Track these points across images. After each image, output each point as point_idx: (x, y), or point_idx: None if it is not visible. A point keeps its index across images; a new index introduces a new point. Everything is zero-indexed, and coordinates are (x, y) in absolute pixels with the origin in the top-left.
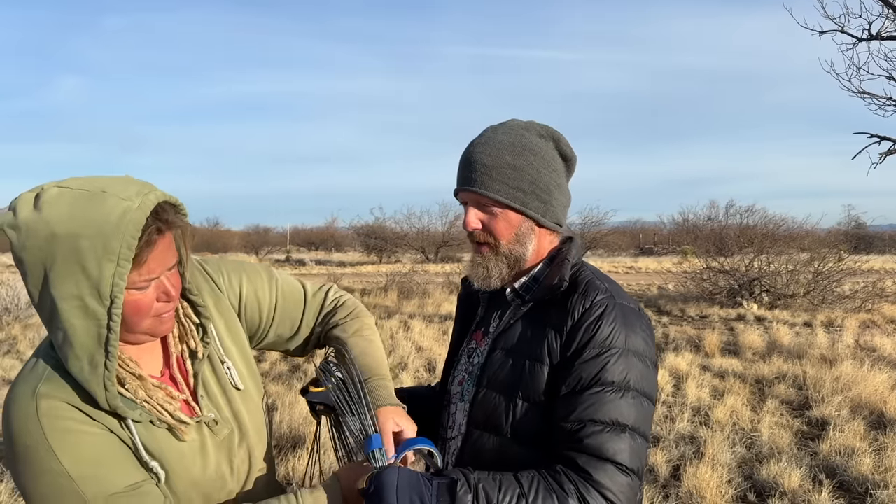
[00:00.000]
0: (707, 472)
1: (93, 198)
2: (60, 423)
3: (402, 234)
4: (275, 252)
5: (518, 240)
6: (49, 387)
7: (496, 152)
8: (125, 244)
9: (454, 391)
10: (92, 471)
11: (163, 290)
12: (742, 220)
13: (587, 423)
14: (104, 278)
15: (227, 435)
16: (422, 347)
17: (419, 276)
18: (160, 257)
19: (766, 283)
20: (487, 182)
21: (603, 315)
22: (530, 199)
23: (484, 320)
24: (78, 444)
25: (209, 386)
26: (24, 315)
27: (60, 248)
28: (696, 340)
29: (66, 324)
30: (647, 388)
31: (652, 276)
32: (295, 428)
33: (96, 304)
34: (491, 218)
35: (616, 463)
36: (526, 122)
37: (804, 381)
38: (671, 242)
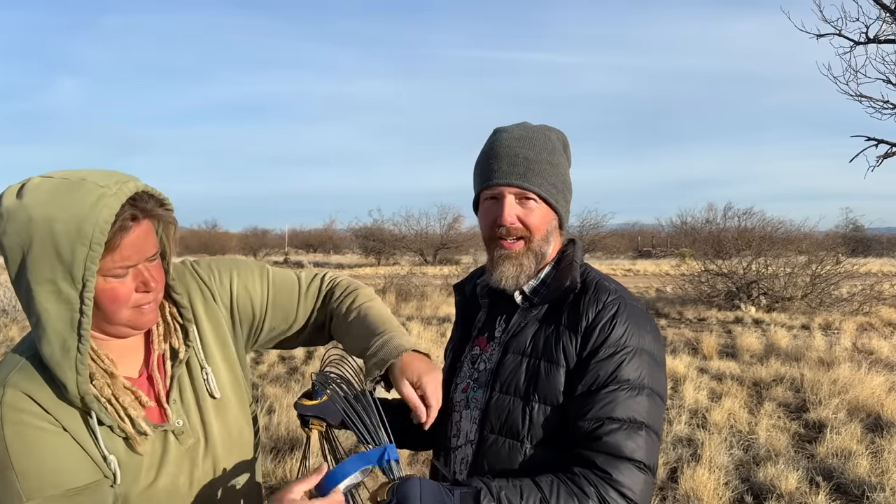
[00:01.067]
0: (704, 474)
1: (72, 185)
2: (18, 415)
3: (401, 236)
4: (273, 254)
5: (546, 237)
6: (19, 377)
7: (537, 148)
8: (98, 228)
9: (457, 399)
10: (36, 468)
11: (141, 279)
12: (740, 222)
13: (605, 420)
14: (77, 261)
15: (191, 445)
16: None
17: (417, 278)
18: (136, 244)
19: (764, 286)
20: (530, 176)
21: (616, 314)
22: (560, 198)
23: (487, 326)
24: (31, 440)
25: (184, 391)
26: (22, 317)
27: (37, 232)
28: (693, 343)
29: (40, 307)
30: (659, 386)
31: (650, 278)
32: (293, 430)
33: (69, 288)
34: (528, 213)
35: (634, 461)
36: (544, 125)
37: (802, 383)
38: (669, 245)
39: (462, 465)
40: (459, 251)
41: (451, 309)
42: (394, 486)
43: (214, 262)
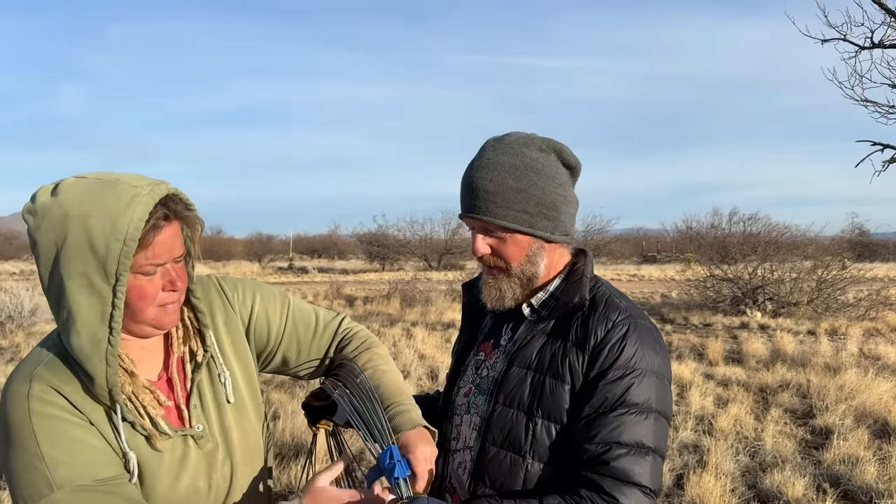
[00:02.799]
0: (710, 480)
1: (106, 185)
2: (46, 407)
3: (405, 242)
4: (277, 259)
5: (529, 260)
6: (46, 371)
7: (498, 177)
8: (132, 225)
9: (459, 402)
10: (66, 459)
11: (168, 278)
12: (745, 227)
13: (613, 445)
14: (111, 256)
15: (210, 449)
16: (424, 355)
17: (422, 283)
18: (166, 244)
19: (770, 292)
20: (492, 209)
21: (626, 335)
22: (538, 220)
23: (493, 332)
24: (58, 431)
25: (204, 396)
26: (28, 322)
27: (72, 227)
28: (699, 349)
29: (72, 301)
30: (666, 408)
31: (655, 283)
32: (297, 436)
33: (102, 283)
34: (499, 242)
35: (641, 486)
36: (526, 137)
37: (808, 389)
38: (674, 250)
39: (460, 469)
40: (464, 256)
41: (455, 315)
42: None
43: (240, 280)
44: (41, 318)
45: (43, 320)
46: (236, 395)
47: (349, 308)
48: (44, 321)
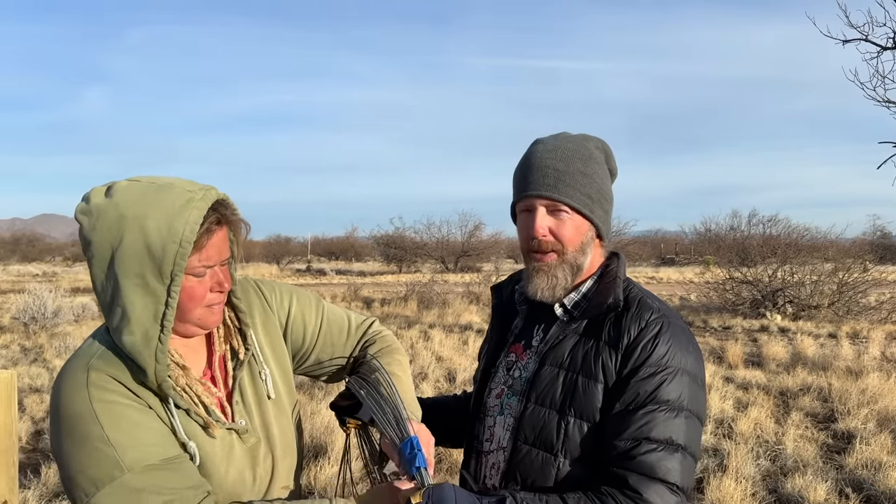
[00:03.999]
0: (731, 484)
1: (161, 188)
2: (106, 394)
3: (422, 244)
4: (296, 261)
5: (582, 249)
6: (101, 362)
7: (568, 158)
8: (188, 227)
9: (491, 404)
10: (131, 441)
11: (216, 280)
12: (765, 229)
13: (642, 441)
14: (167, 257)
15: (253, 444)
16: (442, 357)
17: (439, 285)
18: (217, 247)
19: (790, 294)
20: (561, 187)
21: (659, 334)
22: (596, 208)
23: (524, 333)
24: (120, 415)
25: (245, 393)
26: (51, 324)
27: (128, 229)
28: (719, 351)
29: (126, 300)
30: (698, 408)
31: (673, 286)
32: (317, 437)
33: (156, 283)
34: (560, 224)
35: (667, 483)
36: (583, 134)
37: (829, 393)
38: (693, 252)
39: (493, 470)
40: (481, 258)
41: (472, 317)
42: (429, 489)
43: (276, 284)
44: (63, 320)
45: (65, 322)
46: (275, 393)
47: (367, 310)
48: (66, 322)
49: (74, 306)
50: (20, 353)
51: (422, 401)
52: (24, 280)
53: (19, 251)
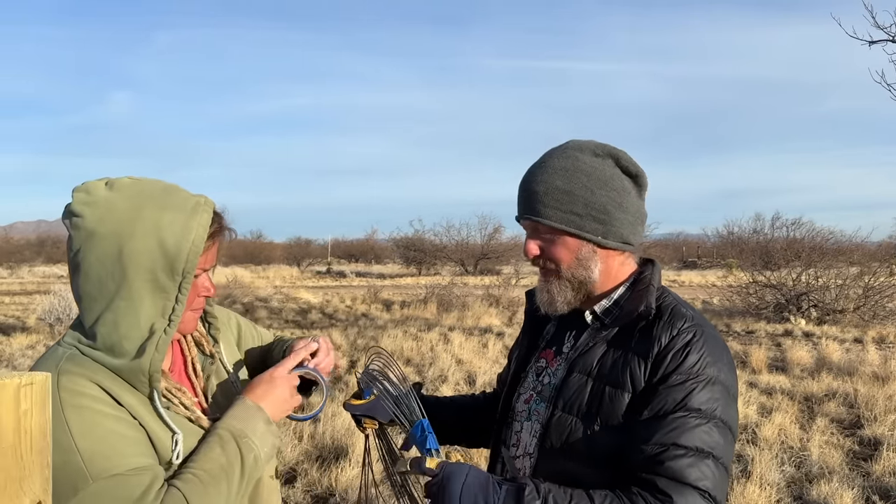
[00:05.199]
0: (755, 490)
1: (167, 189)
2: (78, 399)
3: (442, 247)
4: (316, 264)
5: (580, 263)
6: (71, 364)
7: (548, 178)
8: (201, 229)
9: (519, 409)
10: (100, 449)
11: (205, 285)
12: (789, 233)
13: (670, 446)
14: (181, 255)
15: None
16: (462, 360)
17: (458, 288)
18: (214, 253)
19: (815, 298)
20: (539, 209)
21: (691, 342)
22: (586, 222)
23: (555, 339)
24: (91, 422)
25: (217, 392)
26: None
27: (141, 224)
28: (742, 356)
29: (136, 293)
30: (731, 420)
31: (696, 289)
32: (337, 439)
33: (167, 280)
34: (549, 244)
35: (699, 489)
36: (582, 142)
37: (855, 399)
38: (715, 256)
39: (520, 475)
40: (500, 261)
41: (492, 319)
42: (444, 462)
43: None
44: None
45: None
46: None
47: (387, 312)
48: None
49: None
50: None
51: (440, 399)
52: (50, 281)
53: (45, 253)
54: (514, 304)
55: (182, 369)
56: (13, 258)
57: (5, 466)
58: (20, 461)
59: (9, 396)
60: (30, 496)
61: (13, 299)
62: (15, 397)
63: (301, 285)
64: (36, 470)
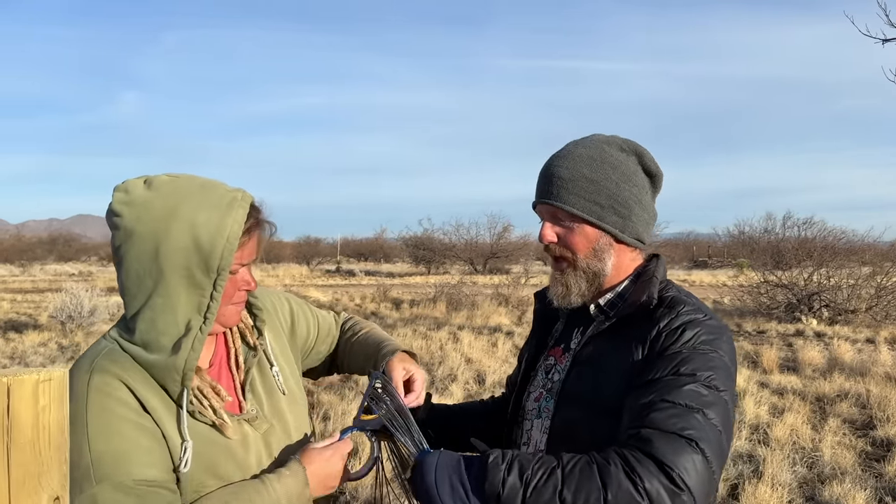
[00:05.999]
0: (766, 491)
1: (204, 185)
2: (105, 400)
3: (451, 246)
4: (325, 262)
5: (596, 255)
6: (106, 361)
7: (574, 165)
8: (236, 225)
9: (529, 407)
10: (111, 454)
11: (245, 279)
12: (800, 232)
13: (658, 402)
14: (215, 252)
15: (266, 430)
16: (471, 359)
17: (468, 287)
18: (253, 247)
19: (826, 298)
20: (563, 195)
21: (689, 323)
22: (608, 214)
23: (564, 336)
24: (109, 426)
25: (256, 385)
26: (87, 322)
27: (177, 222)
28: (753, 356)
29: (172, 290)
30: (726, 387)
31: (706, 289)
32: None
33: (203, 277)
34: (567, 232)
35: (684, 437)
36: (608, 137)
37: (868, 399)
38: (726, 255)
39: None
40: (509, 260)
41: (501, 319)
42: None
43: (268, 290)
44: (99, 319)
45: (101, 320)
46: (287, 388)
47: (396, 311)
48: (102, 321)
49: (110, 305)
50: (57, 350)
51: (450, 408)
52: (61, 279)
53: (56, 251)
54: (524, 303)
55: (224, 361)
56: (25, 256)
57: (24, 462)
58: (38, 457)
59: (27, 392)
60: (48, 491)
61: (25, 297)
62: (33, 393)
63: (311, 284)
64: (54, 466)
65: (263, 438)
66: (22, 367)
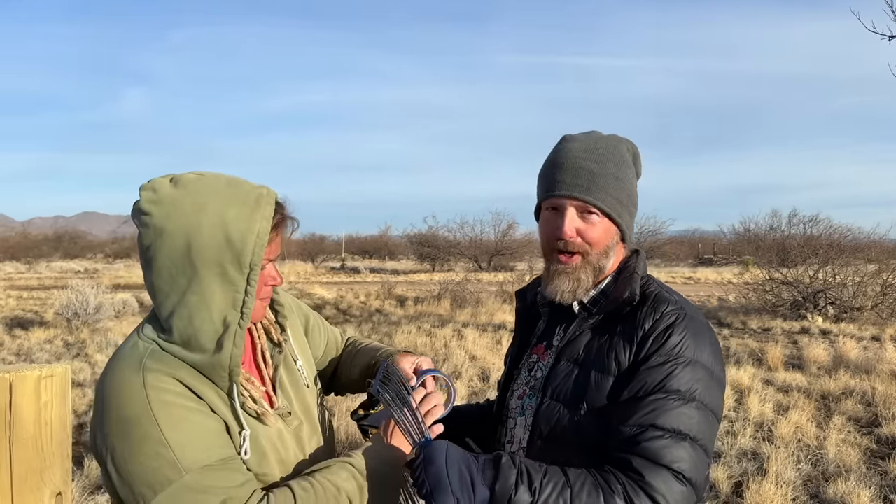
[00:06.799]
0: (771, 489)
1: (231, 182)
2: (164, 395)
3: (455, 243)
4: (330, 260)
5: (606, 252)
6: (154, 362)
7: (603, 160)
8: (265, 221)
9: (513, 405)
10: (189, 442)
11: (271, 274)
12: (806, 229)
13: (648, 427)
14: (246, 248)
15: (297, 426)
16: (475, 356)
17: (472, 284)
18: (279, 243)
19: (832, 296)
20: (594, 190)
21: (673, 325)
22: (624, 212)
23: (546, 334)
24: (179, 417)
25: (283, 381)
26: (93, 319)
27: (207, 218)
28: (758, 354)
29: (206, 287)
30: (711, 401)
31: (711, 287)
32: (351, 434)
33: (236, 272)
34: (589, 227)
35: (673, 471)
36: (613, 135)
37: (873, 397)
38: (731, 253)
39: None
40: (514, 258)
41: (506, 316)
42: (422, 446)
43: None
44: (105, 316)
45: (106, 317)
46: (310, 380)
47: (400, 308)
48: (107, 318)
49: (115, 302)
50: (63, 347)
51: None
52: (67, 276)
53: (62, 248)
54: None
55: (252, 358)
56: (31, 253)
57: (26, 457)
58: (41, 452)
59: (29, 388)
60: (50, 487)
61: (31, 294)
62: (35, 389)
63: (315, 281)
64: (56, 461)
65: (295, 434)
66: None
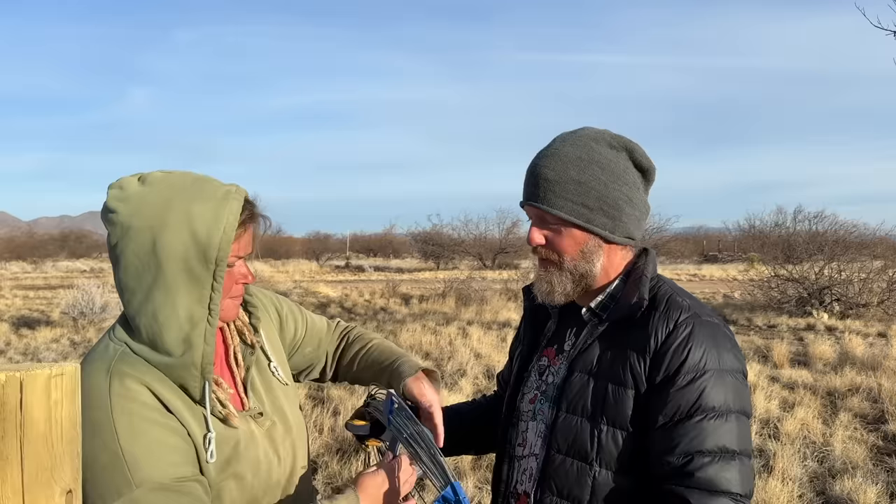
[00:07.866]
0: (777, 485)
1: (198, 179)
2: (128, 404)
3: (460, 241)
4: (335, 258)
5: (584, 256)
6: (123, 365)
7: (561, 166)
8: (232, 217)
9: (524, 409)
10: (146, 456)
11: (242, 272)
12: (811, 226)
13: (695, 454)
14: (212, 243)
15: (269, 426)
16: (480, 354)
17: (477, 282)
18: (248, 240)
19: (837, 292)
20: (550, 198)
21: (691, 336)
22: (596, 216)
23: (556, 336)
24: (138, 429)
25: (255, 382)
26: (98, 318)
27: (173, 214)
28: (764, 350)
29: (172, 283)
30: (745, 405)
31: (716, 283)
32: (341, 438)
33: (201, 268)
34: (555, 234)
35: (731, 493)
36: (597, 132)
37: (879, 393)
38: (736, 249)
39: (524, 475)
40: (518, 255)
41: (511, 314)
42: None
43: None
44: (111, 315)
45: (112, 316)
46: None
47: (405, 306)
48: (113, 317)
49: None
50: (69, 346)
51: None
52: (73, 276)
53: (68, 248)
54: None
55: (223, 359)
56: (37, 253)
57: (37, 456)
58: (51, 450)
59: (39, 387)
60: (60, 485)
61: (37, 293)
62: (45, 388)
63: (320, 279)
64: (66, 459)
65: (267, 435)
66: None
